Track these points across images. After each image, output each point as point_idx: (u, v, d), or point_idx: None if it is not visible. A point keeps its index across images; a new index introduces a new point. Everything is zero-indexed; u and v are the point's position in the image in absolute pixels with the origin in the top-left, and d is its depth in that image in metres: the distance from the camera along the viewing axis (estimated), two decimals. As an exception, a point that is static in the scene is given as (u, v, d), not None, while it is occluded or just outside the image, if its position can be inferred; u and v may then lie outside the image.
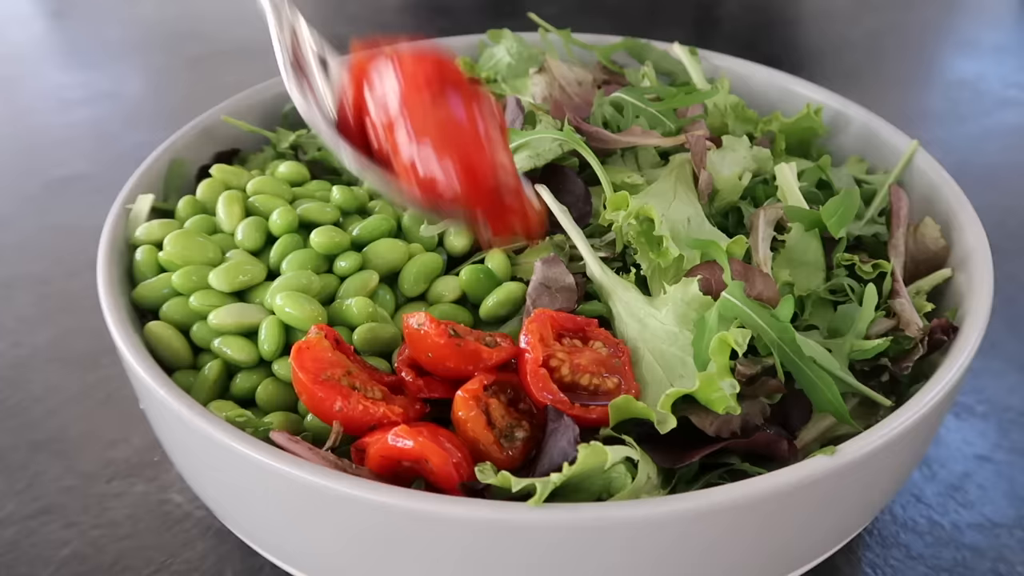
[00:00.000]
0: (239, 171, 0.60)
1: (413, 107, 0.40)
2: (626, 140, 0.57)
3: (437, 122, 0.40)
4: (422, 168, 0.39)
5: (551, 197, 0.53)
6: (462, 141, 0.40)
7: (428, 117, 0.40)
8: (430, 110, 0.40)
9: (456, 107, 0.40)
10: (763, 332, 0.45)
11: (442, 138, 0.40)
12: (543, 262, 0.51)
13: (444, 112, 0.40)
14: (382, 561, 0.43)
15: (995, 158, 0.93)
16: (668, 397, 0.43)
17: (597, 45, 0.73)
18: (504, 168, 0.40)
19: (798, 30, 1.26)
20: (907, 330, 0.50)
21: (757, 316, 0.45)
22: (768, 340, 0.45)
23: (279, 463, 0.41)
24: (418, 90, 0.40)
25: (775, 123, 0.64)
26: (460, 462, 0.42)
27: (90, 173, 0.89)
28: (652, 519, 0.39)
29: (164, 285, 0.53)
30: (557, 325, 0.47)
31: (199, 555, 0.54)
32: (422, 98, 0.40)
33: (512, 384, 0.46)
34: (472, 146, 0.40)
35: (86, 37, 1.22)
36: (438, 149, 0.40)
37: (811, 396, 0.45)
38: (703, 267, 0.50)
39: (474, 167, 0.40)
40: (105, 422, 0.63)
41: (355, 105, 0.42)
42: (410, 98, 0.40)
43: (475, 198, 0.40)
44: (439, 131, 0.40)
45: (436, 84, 0.40)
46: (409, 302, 0.54)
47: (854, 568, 0.54)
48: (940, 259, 0.57)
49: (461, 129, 0.40)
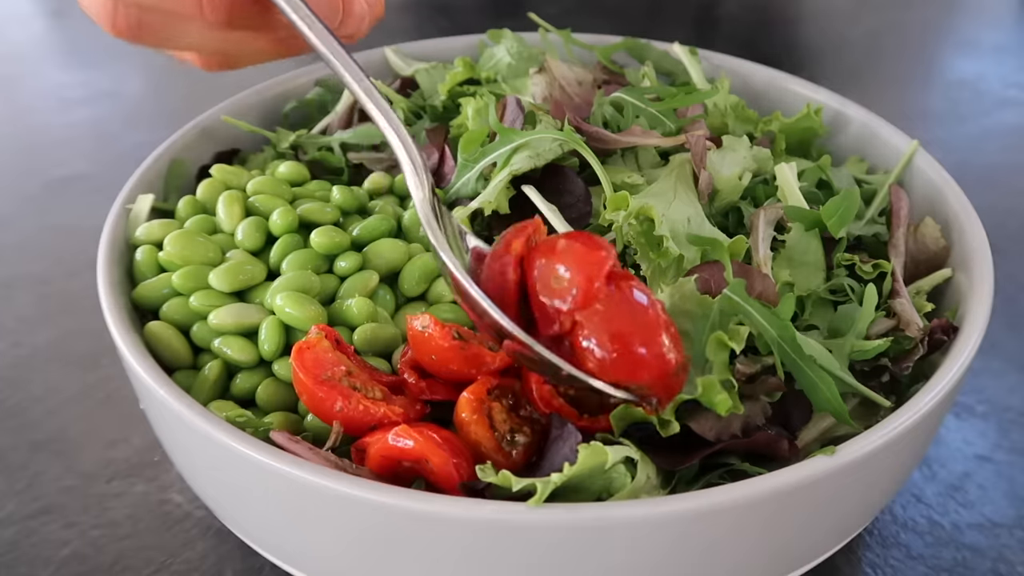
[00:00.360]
0: (239, 171, 0.60)
1: (599, 299, 0.41)
2: (626, 140, 0.57)
3: (625, 312, 0.41)
4: (612, 358, 0.40)
5: (539, 198, 0.53)
6: (648, 329, 0.41)
7: (615, 308, 0.41)
8: (616, 301, 0.41)
9: (633, 294, 0.41)
10: (764, 330, 0.45)
11: (632, 328, 0.41)
12: None
13: (628, 302, 0.41)
14: (382, 561, 0.43)
15: (995, 158, 0.93)
16: (672, 403, 0.43)
17: (597, 45, 0.73)
18: (680, 348, 0.41)
19: (798, 30, 1.26)
20: (907, 330, 0.50)
21: (758, 314, 0.45)
22: (769, 338, 0.45)
23: (279, 463, 0.41)
24: (601, 281, 0.41)
25: (775, 123, 0.64)
26: (460, 463, 0.42)
27: (90, 173, 0.89)
28: (652, 519, 0.39)
29: (164, 285, 0.53)
30: None
31: (199, 555, 0.54)
32: (607, 290, 0.41)
33: (514, 390, 0.46)
34: (656, 331, 0.41)
35: (86, 36, 1.22)
36: (630, 338, 0.41)
37: (811, 396, 0.45)
38: (703, 267, 0.50)
39: (661, 353, 0.41)
40: (105, 422, 0.63)
41: (514, 286, 0.43)
42: (595, 291, 0.41)
43: (661, 382, 0.41)
44: (629, 321, 0.41)
45: (614, 274, 0.41)
46: (409, 302, 0.54)
47: (854, 568, 0.54)
48: (940, 259, 0.57)
49: (646, 317, 0.41)
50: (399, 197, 0.60)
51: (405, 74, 0.73)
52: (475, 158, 0.56)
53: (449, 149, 0.61)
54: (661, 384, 0.41)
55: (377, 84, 0.65)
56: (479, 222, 0.56)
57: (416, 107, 0.68)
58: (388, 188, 0.60)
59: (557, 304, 0.41)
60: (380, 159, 0.63)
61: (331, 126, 0.68)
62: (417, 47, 0.76)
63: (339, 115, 0.69)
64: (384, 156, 0.64)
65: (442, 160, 0.61)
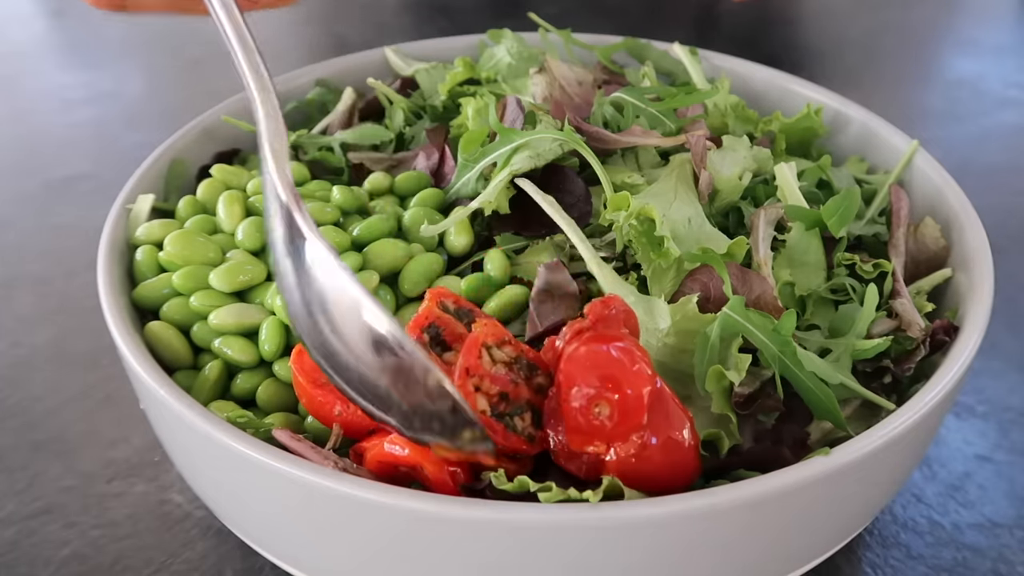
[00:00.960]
0: (239, 171, 0.60)
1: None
2: (626, 140, 0.57)
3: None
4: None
5: (540, 195, 0.53)
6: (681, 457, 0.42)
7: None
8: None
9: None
10: (765, 347, 0.45)
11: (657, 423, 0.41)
12: (546, 268, 0.51)
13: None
14: (384, 561, 0.43)
15: (995, 158, 0.93)
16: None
17: (597, 45, 0.73)
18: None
19: (798, 30, 1.26)
20: (909, 330, 0.50)
21: (759, 331, 0.45)
22: (769, 355, 0.45)
23: (280, 463, 0.41)
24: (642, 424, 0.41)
25: (775, 123, 0.64)
26: (456, 471, 0.42)
27: (90, 173, 0.89)
28: (653, 519, 0.39)
29: (164, 285, 0.53)
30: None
31: (199, 555, 0.54)
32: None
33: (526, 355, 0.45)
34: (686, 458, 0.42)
35: (86, 37, 1.22)
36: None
37: (811, 406, 0.45)
38: (702, 271, 0.50)
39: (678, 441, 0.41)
40: (105, 422, 0.63)
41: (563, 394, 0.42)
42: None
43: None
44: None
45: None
46: (409, 302, 0.54)
47: (854, 568, 0.54)
48: (940, 259, 0.57)
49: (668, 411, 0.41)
50: (399, 197, 0.60)
51: (405, 74, 0.73)
52: (475, 158, 0.56)
53: (449, 149, 0.61)
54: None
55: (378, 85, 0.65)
56: (479, 222, 0.56)
57: (416, 107, 0.68)
58: (388, 188, 0.60)
59: (593, 439, 0.41)
60: (380, 159, 0.63)
61: (331, 126, 0.68)
62: (417, 47, 0.76)
63: (339, 115, 0.69)
64: (385, 156, 0.64)
65: (442, 160, 0.61)
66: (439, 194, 0.58)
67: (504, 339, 0.44)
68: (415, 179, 0.60)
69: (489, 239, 0.56)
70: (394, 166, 0.63)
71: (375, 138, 0.65)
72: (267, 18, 1.31)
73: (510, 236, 0.55)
